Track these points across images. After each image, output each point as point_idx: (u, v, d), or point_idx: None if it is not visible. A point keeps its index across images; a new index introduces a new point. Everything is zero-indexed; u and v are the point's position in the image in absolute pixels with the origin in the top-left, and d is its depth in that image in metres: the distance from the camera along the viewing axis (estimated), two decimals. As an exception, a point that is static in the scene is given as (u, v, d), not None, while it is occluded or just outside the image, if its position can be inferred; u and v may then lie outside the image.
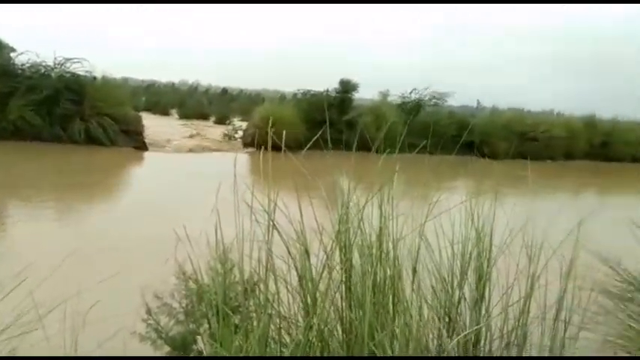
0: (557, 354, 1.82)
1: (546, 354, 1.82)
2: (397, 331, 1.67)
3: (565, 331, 1.87)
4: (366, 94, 16.95)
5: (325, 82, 15.53)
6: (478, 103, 21.93)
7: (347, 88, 15.32)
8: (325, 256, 1.70)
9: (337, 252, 1.76)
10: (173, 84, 37.21)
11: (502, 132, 15.57)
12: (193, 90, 34.24)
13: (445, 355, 1.72)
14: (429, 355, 1.76)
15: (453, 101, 16.91)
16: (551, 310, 1.87)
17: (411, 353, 1.61)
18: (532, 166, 13.45)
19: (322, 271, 1.67)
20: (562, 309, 1.86)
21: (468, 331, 1.89)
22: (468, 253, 2.05)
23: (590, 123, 17.66)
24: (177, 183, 8.70)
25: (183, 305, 1.88)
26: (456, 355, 1.80)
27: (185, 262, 1.94)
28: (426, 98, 15.97)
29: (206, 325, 1.78)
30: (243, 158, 11.36)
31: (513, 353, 1.88)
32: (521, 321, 1.86)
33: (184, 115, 23.53)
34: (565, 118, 18.61)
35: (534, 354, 1.87)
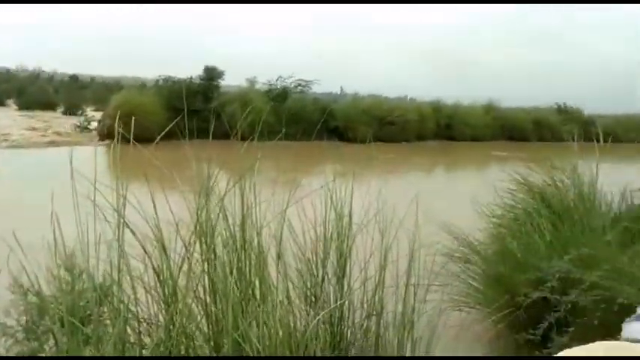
0: (409, 317, 2.01)
1: (400, 318, 2.00)
2: (263, 317, 1.68)
3: (415, 295, 2.07)
4: (233, 81, 16.66)
5: (189, 69, 14.92)
6: (341, 90, 23.00)
7: (212, 75, 14.87)
8: (184, 249, 1.63)
9: (198, 244, 1.71)
10: (8, 70, 32.32)
11: (363, 117, 16.57)
12: (35, 77, 30.15)
13: (309, 330, 1.78)
14: (296, 334, 1.81)
15: (318, 88, 17.49)
16: (403, 279, 2.05)
17: (279, 337, 1.63)
18: (390, 148, 14.61)
19: (181, 265, 1.60)
20: (411, 276, 2.05)
21: (332, 307, 1.98)
22: (329, 233, 2.15)
23: (437, 107, 19.71)
24: (12, 184, 7.61)
25: (23, 322, 1.65)
26: (321, 330, 1.88)
27: (23, 272, 1.70)
28: (292, 86, 16.26)
29: (52, 341, 1.59)
30: (97, 152, 10.31)
31: (373, 322, 2.03)
32: (378, 292, 2.02)
33: (25, 106, 20.66)
34: (417, 104, 20.49)
35: (391, 321, 2.04)
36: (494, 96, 21.81)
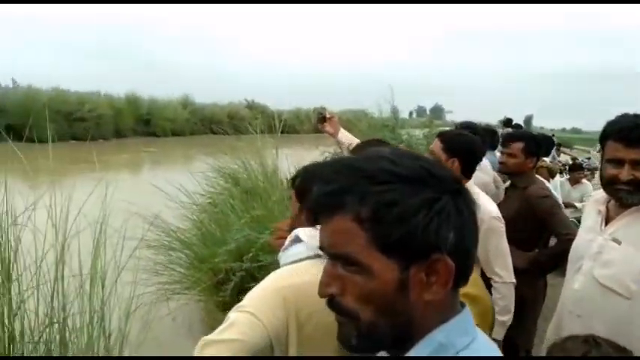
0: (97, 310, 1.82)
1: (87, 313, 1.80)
2: None
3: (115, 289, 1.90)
4: None
5: None
6: (14, 82, 19.07)
7: None
8: None
9: None
10: None
11: (44, 113, 14.21)
12: None
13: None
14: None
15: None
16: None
17: None
18: (88, 147, 13.01)
19: None
20: (97, 272, 1.85)
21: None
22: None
23: (133, 101, 18.79)
24: None
25: None
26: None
27: None
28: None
29: None
30: None
31: (56, 329, 1.76)
32: (56, 287, 1.75)
33: None
34: (109, 97, 18.95)
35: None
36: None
